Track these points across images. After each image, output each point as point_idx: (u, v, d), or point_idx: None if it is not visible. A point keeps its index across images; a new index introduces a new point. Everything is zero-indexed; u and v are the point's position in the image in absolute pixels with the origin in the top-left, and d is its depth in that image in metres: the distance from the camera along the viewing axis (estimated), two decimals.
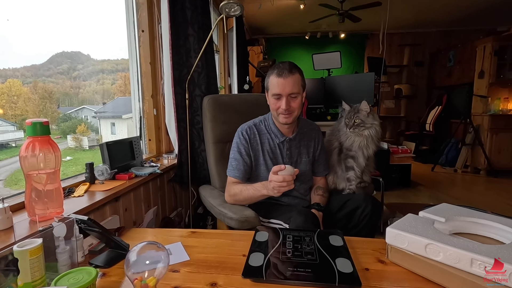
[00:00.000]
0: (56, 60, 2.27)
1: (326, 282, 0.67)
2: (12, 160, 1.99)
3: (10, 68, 1.87)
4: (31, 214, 0.78)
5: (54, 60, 2.26)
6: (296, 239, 0.87)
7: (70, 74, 2.38)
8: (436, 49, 5.48)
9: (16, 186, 1.93)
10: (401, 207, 2.72)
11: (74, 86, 2.44)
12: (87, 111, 2.69)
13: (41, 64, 2.16)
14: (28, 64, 1.98)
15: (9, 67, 1.80)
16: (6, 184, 2.00)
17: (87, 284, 0.58)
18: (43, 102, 2.16)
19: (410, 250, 0.72)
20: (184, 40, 1.66)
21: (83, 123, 2.63)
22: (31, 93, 2.10)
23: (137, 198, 1.41)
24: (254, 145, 1.28)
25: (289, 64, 1.18)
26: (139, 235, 0.99)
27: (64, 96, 2.45)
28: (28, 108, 2.11)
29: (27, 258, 0.54)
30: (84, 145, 2.60)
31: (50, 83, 2.26)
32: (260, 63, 4.38)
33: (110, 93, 2.76)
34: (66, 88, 2.37)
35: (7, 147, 2.02)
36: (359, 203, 1.25)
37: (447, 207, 0.92)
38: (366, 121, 1.37)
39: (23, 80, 2.07)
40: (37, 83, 2.15)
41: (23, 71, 2.04)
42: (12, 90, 1.93)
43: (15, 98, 1.98)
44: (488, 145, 3.99)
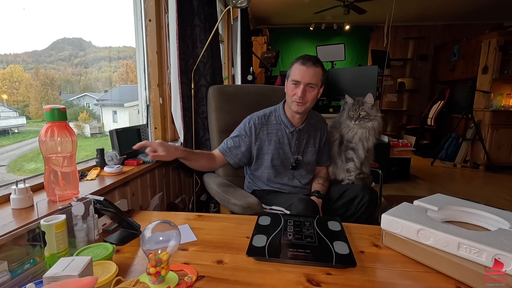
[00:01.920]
0: (57, 46, 2.25)
1: (324, 261, 0.72)
2: (15, 146, 2.01)
3: (11, 53, 1.87)
4: (50, 194, 0.84)
5: (56, 46, 2.24)
6: (297, 223, 0.92)
7: (71, 61, 2.37)
8: (441, 43, 5.44)
9: (19, 172, 1.95)
10: (399, 199, 2.76)
11: (76, 73, 2.43)
12: (89, 98, 2.70)
13: (42, 50, 2.15)
14: (29, 50, 1.98)
15: (10, 52, 1.80)
16: (9, 169, 2.03)
17: (107, 257, 0.63)
18: (45, 89, 2.15)
19: (403, 235, 0.78)
20: (190, 30, 1.68)
21: (85, 111, 2.64)
22: (32, 79, 2.10)
23: (143, 184, 1.47)
24: (260, 135, 1.32)
25: (315, 57, 1.23)
26: (148, 217, 1.05)
27: (65, 83, 2.44)
28: (30, 95, 2.11)
29: (53, 231, 0.60)
30: (86, 133, 2.62)
31: (51, 69, 2.25)
32: (264, 53, 4.38)
33: (111, 81, 2.77)
34: (67, 75, 2.37)
35: (9, 133, 2.04)
36: (357, 193, 1.30)
37: (441, 197, 0.97)
38: (370, 113, 1.40)
39: (24, 66, 2.06)
40: (39, 69, 2.14)
41: (24, 57, 2.03)
42: (13, 76, 1.93)
43: (16, 84, 1.98)
44: (488, 140, 4.02)
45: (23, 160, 2.03)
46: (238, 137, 1.32)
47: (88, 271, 0.51)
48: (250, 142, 1.32)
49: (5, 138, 2.06)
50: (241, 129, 1.33)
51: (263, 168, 1.36)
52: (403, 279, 0.69)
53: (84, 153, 1.73)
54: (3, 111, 1.96)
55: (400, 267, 0.74)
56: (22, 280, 0.62)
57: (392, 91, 5.66)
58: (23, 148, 2.07)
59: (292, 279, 0.68)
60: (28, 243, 0.66)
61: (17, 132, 2.05)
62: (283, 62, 5.51)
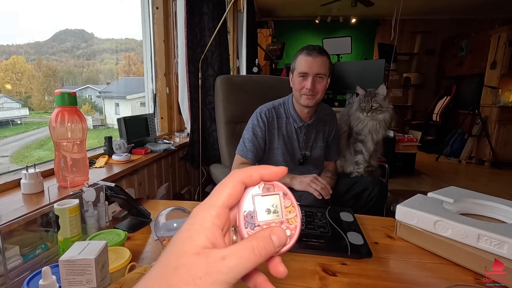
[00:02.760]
0: (59, 38, 2.23)
1: (338, 251, 0.71)
2: (18, 137, 2.01)
3: (14, 44, 1.84)
4: (60, 180, 0.83)
5: (58, 38, 2.23)
6: (308, 214, 0.91)
7: (73, 53, 2.35)
8: (448, 37, 5.36)
9: (22, 162, 1.95)
10: (404, 194, 2.76)
11: (78, 64, 2.41)
12: (91, 90, 2.69)
13: (44, 41, 2.13)
14: (31, 41, 1.96)
15: (12, 43, 1.78)
16: (12, 160, 2.03)
17: (120, 243, 0.62)
18: (47, 80, 2.14)
19: (419, 226, 0.76)
20: (198, 18, 1.66)
21: (87, 103, 2.63)
22: (35, 70, 2.09)
23: (150, 173, 1.46)
24: (271, 128, 1.27)
25: (319, 47, 1.19)
26: (155, 205, 1.04)
27: (68, 74, 2.42)
28: (32, 86, 2.09)
29: (67, 216, 0.59)
30: (88, 125, 2.61)
31: (53, 61, 2.23)
32: (269, 46, 4.33)
33: (114, 73, 2.74)
34: (69, 66, 2.35)
35: (13, 124, 2.03)
36: (367, 185, 1.28)
37: (455, 189, 0.95)
38: (383, 104, 1.38)
39: (27, 57, 2.05)
40: (41, 61, 2.12)
41: (27, 48, 2.01)
42: (16, 67, 1.92)
43: (19, 75, 1.97)
44: (495, 137, 3.97)
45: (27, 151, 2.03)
46: (256, 139, 1.25)
47: (103, 255, 0.50)
48: (264, 137, 1.26)
49: (8, 129, 2.05)
50: (255, 126, 1.25)
51: (272, 163, 1.33)
52: (420, 271, 0.68)
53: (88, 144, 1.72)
54: (6, 102, 1.95)
55: (415, 258, 0.73)
56: (34, 265, 0.61)
57: (398, 86, 5.61)
58: (26, 139, 2.07)
59: (308, 268, 0.67)
60: (39, 228, 0.66)
61: (19, 123, 2.05)
62: (288, 55, 5.46)
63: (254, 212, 0.24)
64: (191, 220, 0.22)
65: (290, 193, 0.26)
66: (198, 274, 0.19)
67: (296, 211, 0.25)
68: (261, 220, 0.24)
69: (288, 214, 0.25)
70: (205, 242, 0.21)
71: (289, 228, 0.24)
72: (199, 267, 0.19)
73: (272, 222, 0.24)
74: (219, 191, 0.23)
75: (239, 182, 0.23)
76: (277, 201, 0.25)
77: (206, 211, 0.22)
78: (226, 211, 0.23)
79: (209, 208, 0.22)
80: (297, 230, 0.25)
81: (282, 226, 0.24)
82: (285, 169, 0.25)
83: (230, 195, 0.23)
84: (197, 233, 0.21)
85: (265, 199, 0.25)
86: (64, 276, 0.47)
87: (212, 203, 0.22)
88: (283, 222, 0.25)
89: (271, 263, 0.24)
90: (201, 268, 0.19)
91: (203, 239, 0.21)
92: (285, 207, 0.25)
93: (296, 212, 0.25)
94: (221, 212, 0.22)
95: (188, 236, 0.21)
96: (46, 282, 0.44)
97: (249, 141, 1.25)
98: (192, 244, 0.21)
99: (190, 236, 0.21)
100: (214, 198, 0.23)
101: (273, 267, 0.24)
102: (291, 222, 0.25)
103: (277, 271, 0.24)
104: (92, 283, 0.47)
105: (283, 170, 0.25)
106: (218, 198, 0.23)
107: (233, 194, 0.23)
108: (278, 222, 0.25)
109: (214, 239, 0.21)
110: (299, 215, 0.25)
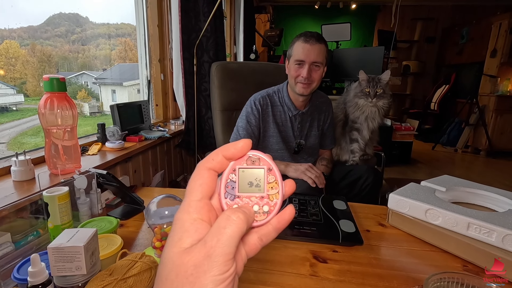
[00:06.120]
0: (53, 22, 2.16)
1: (330, 239, 0.72)
2: (14, 123, 1.99)
3: (6, 28, 1.78)
4: (51, 167, 0.82)
5: (52, 22, 2.15)
6: (302, 201, 0.91)
7: (68, 38, 2.28)
8: (450, 24, 5.27)
9: (20, 149, 1.94)
10: (399, 182, 2.79)
11: (73, 50, 2.35)
12: (87, 77, 2.64)
13: (38, 26, 2.06)
14: (24, 25, 1.90)
15: (5, 27, 1.72)
16: (9, 147, 2.01)
17: (111, 230, 0.62)
18: (42, 66, 2.09)
19: (410, 214, 0.77)
20: (193, 2, 1.61)
21: (83, 89, 2.59)
22: (29, 55, 2.04)
23: (145, 161, 1.46)
24: (265, 116, 1.26)
25: (317, 34, 1.16)
26: (150, 193, 1.04)
27: (63, 60, 2.36)
28: (27, 72, 2.05)
29: (56, 203, 0.58)
30: (84, 111, 2.58)
31: (48, 46, 2.17)
32: (267, 32, 4.25)
33: (110, 59, 2.68)
34: (64, 52, 2.29)
35: (8, 110, 2.00)
36: (361, 174, 1.29)
37: (448, 178, 0.95)
38: (386, 90, 1.37)
39: (20, 42, 1.99)
40: (35, 46, 2.07)
41: (20, 32, 1.95)
42: (9, 52, 1.87)
43: (13, 60, 1.93)
44: (492, 126, 3.98)
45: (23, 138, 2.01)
46: (250, 127, 1.24)
47: (93, 243, 0.50)
48: (258, 125, 1.26)
49: (3, 116, 2.03)
50: (249, 114, 1.24)
51: (266, 151, 1.33)
52: (409, 257, 0.69)
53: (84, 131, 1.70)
54: (0, 88, 1.92)
55: (406, 246, 0.74)
56: (26, 251, 0.61)
57: (397, 74, 5.55)
58: (22, 126, 2.05)
59: (299, 255, 0.67)
60: (31, 215, 0.65)
61: (15, 109, 2.02)
62: (286, 41, 5.36)
63: (236, 183, 0.24)
64: (174, 226, 0.23)
65: (276, 170, 0.25)
66: (189, 272, 0.20)
67: (279, 188, 0.25)
68: (242, 192, 0.24)
69: (270, 190, 0.25)
70: (189, 241, 0.21)
71: (269, 204, 0.25)
72: (187, 266, 0.20)
73: (252, 196, 0.24)
74: (190, 187, 0.23)
75: (205, 169, 0.24)
76: (261, 175, 0.25)
77: (184, 212, 0.23)
78: (205, 201, 0.23)
79: (186, 207, 0.23)
80: (277, 207, 0.25)
81: (262, 201, 0.24)
82: (248, 141, 0.24)
83: (201, 185, 0.23)
84: (178, 236, 0.22)
85: (248, 172, 0.25)
86: (53, 263, 0.47)
87: (187, 202, 0.23)
88: (263, 197, 0.25)
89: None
90: (188, 266, 0.20)
91: (185, 239, 0.21)
92: (268, 183, 0.25)
93: (278, 189, 0.25)
94: (198, 206, 0.23)
95: (171, 241, 0.22)
96: (35, 269, 0.44)
97: (243, 129, 1.25)
98: (176, 248, 0.21)
99: (173, 241, 0.22)
100: (188, 196, 0.23)
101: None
102: (272, 199, 0.25)
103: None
104: (82, 270, 0.47)
105: (247, 144, 0.24)
106: (191, 193, 0.23)
107: (203, 183, 0.23)
108: (259, 197, 0.25)
109: (198, 234, 0.22)
110: (281, 192, 0.25)
